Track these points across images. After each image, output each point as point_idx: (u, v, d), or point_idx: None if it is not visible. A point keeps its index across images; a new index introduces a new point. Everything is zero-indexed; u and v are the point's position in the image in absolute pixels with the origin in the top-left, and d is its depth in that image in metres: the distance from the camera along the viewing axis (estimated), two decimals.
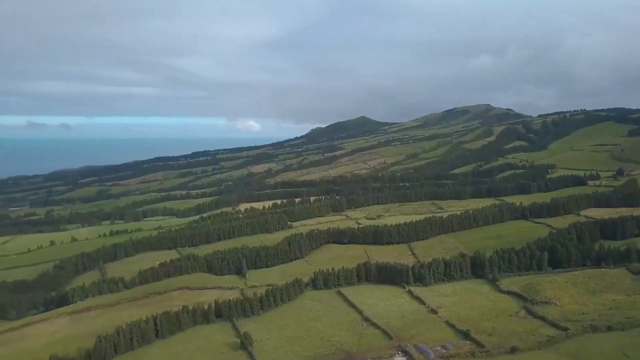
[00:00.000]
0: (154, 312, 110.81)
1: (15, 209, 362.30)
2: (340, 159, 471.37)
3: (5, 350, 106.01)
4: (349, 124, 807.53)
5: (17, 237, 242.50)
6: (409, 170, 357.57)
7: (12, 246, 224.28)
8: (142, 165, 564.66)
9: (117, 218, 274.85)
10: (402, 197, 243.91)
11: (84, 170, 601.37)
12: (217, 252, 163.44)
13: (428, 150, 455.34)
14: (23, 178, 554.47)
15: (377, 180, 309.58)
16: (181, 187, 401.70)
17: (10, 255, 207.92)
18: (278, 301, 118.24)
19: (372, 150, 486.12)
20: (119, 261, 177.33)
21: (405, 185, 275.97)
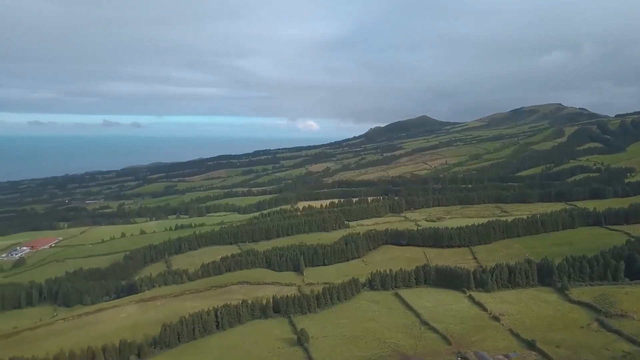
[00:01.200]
0: (215, 304, 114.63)
1: (91, 202, 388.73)
2: (399, 159, 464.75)
3: (83, 332, 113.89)
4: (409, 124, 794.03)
5: (93, 228, 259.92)
6: (472, 172, 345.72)
7: (88, 236, 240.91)
8: (207, 162, 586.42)
9: (183, 213, 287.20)
10: (464, 199, 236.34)
11: (153, 166, 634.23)
12: (275, 249, 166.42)
13: (492, 151, 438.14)
14: (98, 173, 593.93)
15: (438, 181, 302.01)
16: (243, 185, 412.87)
17: (86, 244, 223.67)
18: (334, 300, 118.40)
19: (433, 151, 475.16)
20: (183, 254, 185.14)
21: (467, 187, 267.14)
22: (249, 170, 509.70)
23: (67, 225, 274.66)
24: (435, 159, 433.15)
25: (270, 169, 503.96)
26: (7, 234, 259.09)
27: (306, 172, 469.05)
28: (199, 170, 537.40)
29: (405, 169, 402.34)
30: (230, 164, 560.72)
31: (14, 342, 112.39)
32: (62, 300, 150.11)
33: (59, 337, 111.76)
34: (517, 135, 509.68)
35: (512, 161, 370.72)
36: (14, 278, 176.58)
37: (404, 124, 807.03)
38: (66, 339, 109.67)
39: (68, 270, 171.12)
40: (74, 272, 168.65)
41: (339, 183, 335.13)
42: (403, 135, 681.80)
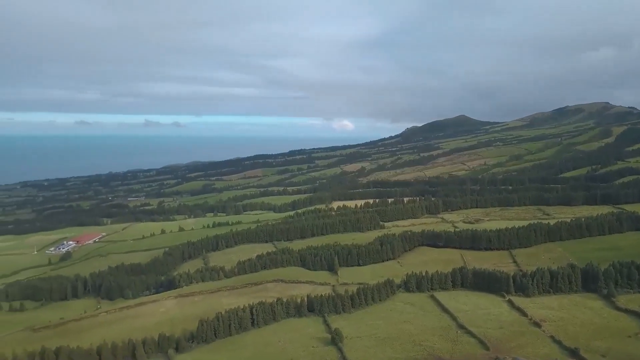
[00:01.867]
0: (251, 301, 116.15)
1: (132, 199, 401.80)
2: (436, 159, 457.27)
3: (124, 325, 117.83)
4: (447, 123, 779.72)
5: (134, 225, 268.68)
6: (512, 173, 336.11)
7: (130, 232, 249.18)
8: (243, 162, 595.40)
9: (220, 211, 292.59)
10: (503, 201, 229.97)
11: (192, 165, 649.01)
12: (310, 248, 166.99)
13: (534, 151, 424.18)
14: (140, 171, 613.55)
15: (477, 182, 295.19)
16: (278, 184, 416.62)
17: (128, 240, 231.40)
18: (369, 300, 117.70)
19: (471, 151, 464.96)
20: (220, 251, 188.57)
21: (507, 189, 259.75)
22: (284, 169, 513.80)
23: (110, 221, 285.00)
24: (473, 159, 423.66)
25: (305, 169, 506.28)
26: (55, 228, 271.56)
27: (341, 171, 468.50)
28: (235, 169, 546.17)
29: (443, 170, 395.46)
30: (266, 164, 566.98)
31: (60, 332, 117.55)
32: (105, 294, 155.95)
33: (102, 329, 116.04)
34: (561, 136, 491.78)
35: (555, 162, 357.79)
36: (61, 271, 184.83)
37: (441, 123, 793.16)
38: (108, 330, 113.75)
39: (111, 265, 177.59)
40: (116, 266, 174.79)
41: (374, 183, 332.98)
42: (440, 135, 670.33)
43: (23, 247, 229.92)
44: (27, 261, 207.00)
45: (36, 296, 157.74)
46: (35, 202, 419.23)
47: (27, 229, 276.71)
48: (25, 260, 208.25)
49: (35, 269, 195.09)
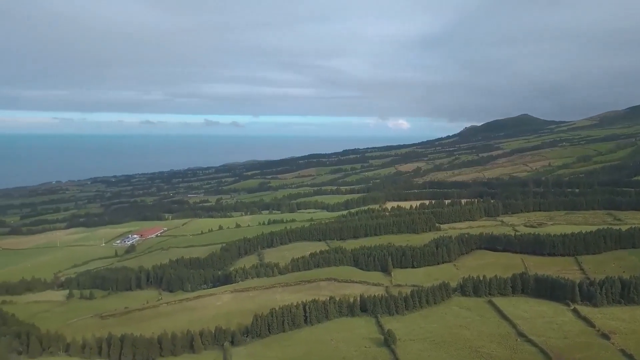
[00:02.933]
0: (304, 298, 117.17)
1: (192, 196, 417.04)
2: (496, 159, 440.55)
3: (183, 316, 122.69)
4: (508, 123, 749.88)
5: (194, 221, 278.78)
6: (579, 175, 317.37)
7: (189, 228, 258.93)
8: (298, 161, 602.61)
9: (275, 208, 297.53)
10: (569, 204, 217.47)
11: (249, 164, 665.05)
12: (363, 248, 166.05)
13: (604, 152, 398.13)
14: (199, 169, 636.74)
15: (540, 184, 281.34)
16: (331, 183, 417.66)
17: (187, 235, 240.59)
18: (423, 303, 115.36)
19: (534, 152, 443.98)
20: (274, 248, 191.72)
21: (573, 192, 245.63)
22: (337, 169, 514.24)
23: (171, 216, 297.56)
24: (536, 160, 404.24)
25: (359, 168, 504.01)
26: (121, 222, 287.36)
27: (395, 171, 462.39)
28: (290, 168, 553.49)
29: (503, 171, 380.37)
30: (320, 163, 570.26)
31: (125, 320, 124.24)
32: (166, 286, 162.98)
33: (163, 319, 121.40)
34: (636, 136, 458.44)
35: (629, 164, 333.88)
36: (126, 263, 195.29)
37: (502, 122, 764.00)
38: (168, 321, 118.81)
39: (171, 258, 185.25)
40: (176, 260, 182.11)
41: (430, 184, 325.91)
42: (501, 135, 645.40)
43: (93, 239, 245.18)
44: (96, 252, 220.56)
45: (104, 285, 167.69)
46: (103, 197, 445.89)
47: (96, 222, 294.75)
48: (94, 252, 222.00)
49: (103, 260, 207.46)
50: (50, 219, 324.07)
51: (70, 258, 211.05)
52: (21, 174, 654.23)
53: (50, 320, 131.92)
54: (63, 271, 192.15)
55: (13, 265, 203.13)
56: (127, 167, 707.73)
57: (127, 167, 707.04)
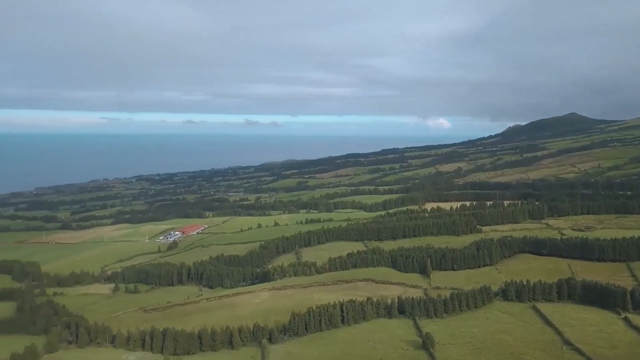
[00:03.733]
0: (341, 298, 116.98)
1: (232, 194, 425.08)
2: (542, 160, 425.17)
3: (222, 312, 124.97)
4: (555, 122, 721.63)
5: (233, 219, 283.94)
6: (632, 177, 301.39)
7: (229, 225, 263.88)
8: (336, 160, 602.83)
9: (312, 208, 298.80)
10: (621, 207, 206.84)
11: (287, 163, 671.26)
12: (401, 249, 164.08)
13: None
14: (239, 168, 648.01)
15: (588, 186, 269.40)
16: (369, 183, 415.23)
17: (227, 233, 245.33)
18: (463, 307, 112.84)
19: (583, 152, 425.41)
20: (312, 247, 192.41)
21: (626, 194, 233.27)
22: (376, 168, 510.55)
23: (211, 214, 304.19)
24: (585, 161, 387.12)
25: (398, 168, 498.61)
26: (164, 219, 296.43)
27: (435, 171, 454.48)
28: (328, 167, 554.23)
29: (549, 172, 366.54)
30: (358, 162, 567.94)
31: (167, 314, 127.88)
32: (206, 282, 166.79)
33: (203, 314, 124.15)
34: None
35: None
36: (168, 258, 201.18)
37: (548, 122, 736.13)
38: (208, 316, 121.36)
39: (211, 255, 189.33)
40: (216, 257, 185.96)
41: (472, 184, 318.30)
42: (547, 135, 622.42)
43: (137, 235, 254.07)
44: (141, 248, 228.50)
45: (148, 280, 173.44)
46: (147, 195, 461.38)
47: (140, 218, 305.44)
48: (139, 247, 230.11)
49: (147, 255, 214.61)
50: (98, 215, 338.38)
51: (116, 253, 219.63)
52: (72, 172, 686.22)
53: (98, 312, 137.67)
54: (109, 265, 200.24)
55: (64, 259, 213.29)
56: (170, 165, 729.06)
57: (170, 165, 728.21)
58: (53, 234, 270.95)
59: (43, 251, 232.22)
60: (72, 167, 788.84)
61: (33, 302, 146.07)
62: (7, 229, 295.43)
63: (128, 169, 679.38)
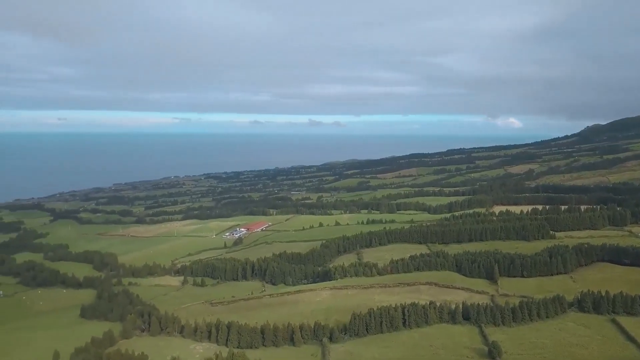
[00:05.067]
0: (402, 301, 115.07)
1: (295, 193, 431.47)
2: (624, 162, 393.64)
3: (284, 309, 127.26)
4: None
5: (295, 217, 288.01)
6: None
7: (292, 224, 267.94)
8: (399, 160, 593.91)
9: (374, 208, 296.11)
10: None
11: (349, 163, 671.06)
12: (467, 253, 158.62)
13: None
14: (302, 168, 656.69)
15: None
16: (434, 184, 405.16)
17: (290, 231, 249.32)
18: (534, 316, 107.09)
19: None
20: (373, 248, 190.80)
21: None
22: (441, 169, 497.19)
23: (275, 212, 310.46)
24: None
25: (464, 169, 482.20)
26: (230, 216, 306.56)
27: (504, 173, 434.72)
28: (390, 167, 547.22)
29: (633, 175, 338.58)
30: (422, 162, 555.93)
31: (231, 308, 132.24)
32: (269, 278, 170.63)
33: (266, 310, 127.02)
34: None
35: None
36: (234, 254, 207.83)
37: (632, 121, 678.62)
38: (271, 312, 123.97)
39: (275, 252, 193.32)
40: (279, 254, 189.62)
41: (544, 187, 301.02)
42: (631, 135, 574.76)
43: (205, 231, 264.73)
44: (208, 243, 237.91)
45: (214, 274, 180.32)
46: (215, 192, 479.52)
47: (208, 214, 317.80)
48: (206, 242, 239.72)
49: (213, 250, 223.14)
50: (169, 211, 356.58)
51: (186, 247, 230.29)
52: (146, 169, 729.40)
53: (168, 302, 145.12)
54: (179, 259, 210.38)
55: (138, 251, 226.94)
56: (236, 164, 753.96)
57: (237, 164, 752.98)
58: (129, 228, 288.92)
59: (120, 243, 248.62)
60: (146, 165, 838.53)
61: (111, 291, 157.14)
62: (89, 221, 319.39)
63: (197, 167, 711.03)
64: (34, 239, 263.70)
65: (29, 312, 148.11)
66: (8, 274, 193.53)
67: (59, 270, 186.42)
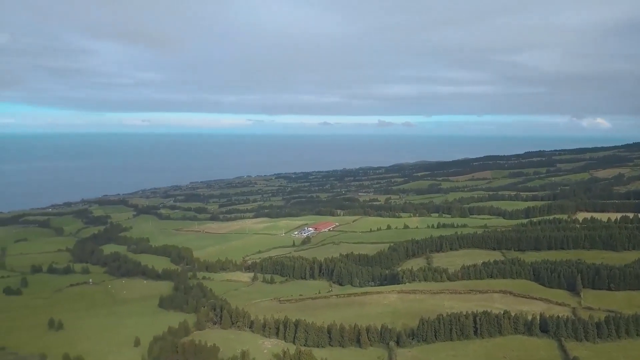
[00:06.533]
0: (474, 309, 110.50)
1: (362, 194, 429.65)
2: None
3: (350, 310, 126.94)
4: None
5: (363, 218, 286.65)
6: None
7: (359, 225, 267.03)
8: (472, 162, 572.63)
9: (445, 212, 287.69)
10: None
11: (419, 164, 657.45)
12: (546, 262, 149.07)
13: None
14: (370, 169, 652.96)
15: None
16: (510, 188, 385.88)
17: (357, 232, 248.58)
18: (622, 333, 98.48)
19: None
20: (443, 253, 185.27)
21: None
22: (518, 172, 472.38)
23: (342, 213, 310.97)
24: None
25: (544, 172, 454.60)
26: (298, 215, 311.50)
27: (590, 177, 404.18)
28: (463, 170, 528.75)
29: None
30: (497, 165, 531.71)
31: (299, 306, 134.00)
32: (336, 278, 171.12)
33: (332, 310, 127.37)
34: None
35: None
36: (301, 253, 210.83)
37: None
38: (337, 312, 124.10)
39: (342, 253, 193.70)
40: (346, 255, 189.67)
41: (636, 193, 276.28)
42: None
43: (275, 229, 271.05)
44: (277, 241, 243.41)
45: (282, 272, 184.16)
46: (284, 192, 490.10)
47: (278, 213, 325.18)
48: (276, 240, 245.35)
49: (282, 248, 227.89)
50: (241, 209, 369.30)
51: (256, 244, 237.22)
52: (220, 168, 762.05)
53: (238, 297, 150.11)
54: (250, 255, 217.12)
55: (211, 247, 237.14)
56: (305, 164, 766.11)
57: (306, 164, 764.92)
58: (203, 224, 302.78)
59: (195, 239, 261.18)
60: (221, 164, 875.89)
61: (186, 284, 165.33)
62: (168, 217, 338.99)
63: (268, 167, 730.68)
64: (119, 232, 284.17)
65: (115, 300, 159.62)
66: (97, 263, 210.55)
67: (140, 262, 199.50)
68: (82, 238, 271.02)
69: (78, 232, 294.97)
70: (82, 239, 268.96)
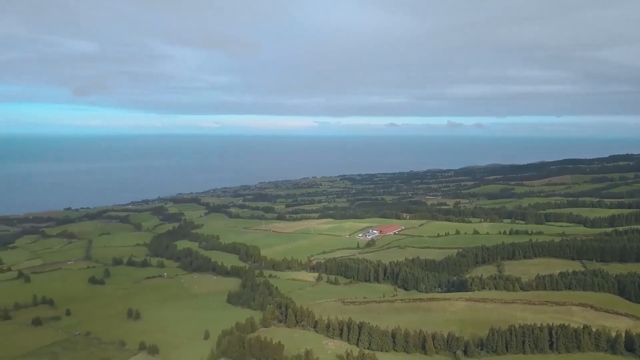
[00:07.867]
0: (549, 321, 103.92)
1: (430, 197, 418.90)
2: None
3: (416, 316, 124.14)
4: None
5: (430, 222, 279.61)
6: None
7: (426, 229, 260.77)
8: (549, 166, 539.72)
9: (518, 218, 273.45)
10: None
11: (490, 167, 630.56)
12: (633, 274, 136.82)
13: None
14: (438, 172, 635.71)
15: None
16: (591, 194, 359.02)
17: (423, 236, 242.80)
18: None
19: None
20: (516, 261, 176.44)
21: None
22: (601, 177, 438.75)
23: (408, 216, 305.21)
24: None
25: (632, 178, 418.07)
26: (363, 217, 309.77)
27: None
28: (539, 174, 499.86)
29: None
30: (578, 169, 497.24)
31: (363, 309, 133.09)
32: (401, 283, 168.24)
33: (396, 315, 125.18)
34: None
35: None
36: (366, 255, 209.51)
37: None
38: (402, 317, 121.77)
39: (407, 257, 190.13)
40: (412, 259, 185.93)
41: None
42: None
43: (339, 230, 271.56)
44: (342, 242, 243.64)
45: (347, 273, 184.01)
46: (349, 193, 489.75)
47: (342, 215, 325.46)
48: (340, 242, 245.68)
49: (346, 250, 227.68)
50: (307, 209, 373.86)
51: (321, 245, 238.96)
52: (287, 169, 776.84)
53: (303, 297, 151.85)
54: (314, 256, 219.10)
55: (278, 246, 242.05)
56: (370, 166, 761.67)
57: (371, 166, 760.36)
58: (270, 223, 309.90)
59: (262, 237, 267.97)
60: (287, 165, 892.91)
61: (253, 281, 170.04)
62: (237, 216, 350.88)
63: (333, 168, 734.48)
64: (192, 229, 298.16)
65: (187, 294, 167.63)
66: (171, 258, 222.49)
67: (210, 259, 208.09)
68: (158, 234, 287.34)
69: (154, 228, 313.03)
70: (158, 234, 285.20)
